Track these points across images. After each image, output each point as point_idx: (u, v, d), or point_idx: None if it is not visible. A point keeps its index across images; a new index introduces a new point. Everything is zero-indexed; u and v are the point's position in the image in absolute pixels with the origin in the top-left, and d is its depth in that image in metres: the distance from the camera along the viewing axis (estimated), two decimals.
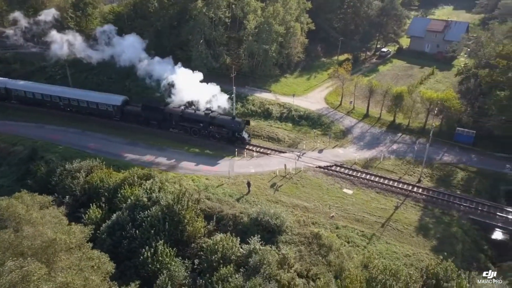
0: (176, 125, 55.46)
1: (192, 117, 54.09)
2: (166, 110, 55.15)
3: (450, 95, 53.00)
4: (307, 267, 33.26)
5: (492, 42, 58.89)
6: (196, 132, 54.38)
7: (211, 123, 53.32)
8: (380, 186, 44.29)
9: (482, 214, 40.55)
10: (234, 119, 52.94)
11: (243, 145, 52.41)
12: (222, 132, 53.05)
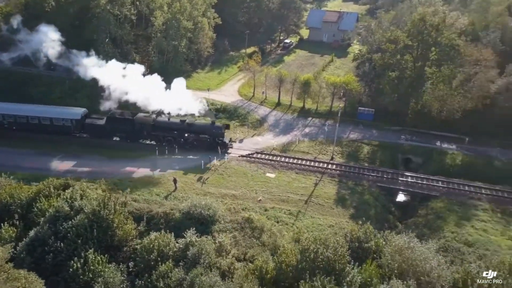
0: (147, 135, 51.53)
1: (166, 125, 50.70)
2: (137, 120, 50.81)
3: (350, 79, 58.53)
4: (243, 250, 34.86)
5: (380, 29, 65.90)
6: (170, 141, 50.76)
7: (188, 130, 50.49)
8: (299, 167, 47.59)
9: (387, 181, 45.97)
10: (214, 124, 50.96)
11: (225, 150, 50.46)
12: (201, 139, 50.47)
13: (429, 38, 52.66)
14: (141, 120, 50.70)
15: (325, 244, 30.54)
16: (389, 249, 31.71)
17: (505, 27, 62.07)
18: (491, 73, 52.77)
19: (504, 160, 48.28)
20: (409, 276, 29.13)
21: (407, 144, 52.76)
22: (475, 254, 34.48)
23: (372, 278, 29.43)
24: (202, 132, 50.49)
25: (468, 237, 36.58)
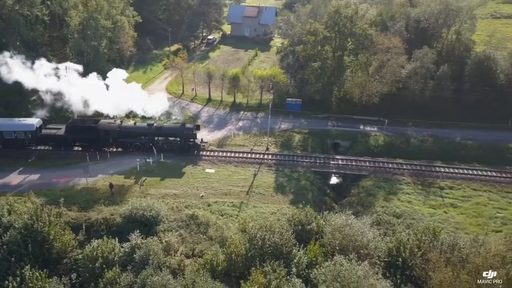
0: (113, 143, 48.57)
1: (133, 130, 48.45)
2: (101, 127, 47.85)
3: (276, 72, 60.57)
4: (191, 247, 34.92)
5: (299, 22, 68.87)
6: (138, 147, 48.56)
7: (157, 134, 48.48)
8: (237, 160, 48.44)
9: (320, 166, 48.62)
10: (185, 126, 49.11)
11: (198, 152, 49.17)
12: (172, 142, 48.91)
13: (345, 29, 56.37)
14: (106, 127, 48.16)
15: (271, 230, 31.78)
16: (329, 228, 33.86)
17: (408, 17, 68.37)
18: (401, 59, 57.98)
19: (418, 138, 53.46)
20: (350, 251, 31.39)
21: (334, 130, 56.13)
22: (403, 224, 38.04)
23: (317, 257, 31.31)
24: (172, 134, 49.12)
25: (396, 209, 40.19)
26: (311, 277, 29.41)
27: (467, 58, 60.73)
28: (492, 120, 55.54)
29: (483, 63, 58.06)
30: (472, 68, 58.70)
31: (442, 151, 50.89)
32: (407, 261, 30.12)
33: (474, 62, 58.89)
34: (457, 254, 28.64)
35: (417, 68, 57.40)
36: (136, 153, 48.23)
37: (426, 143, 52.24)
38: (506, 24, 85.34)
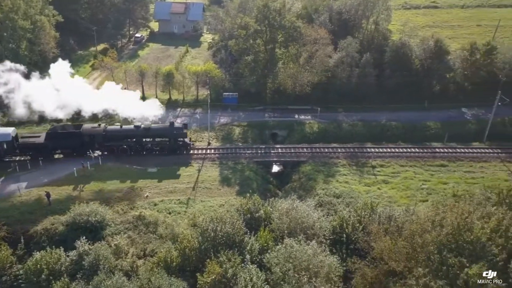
0: (99, 147, 46.85)
1: (120, 133, 46.95)
2: (85, 132, 46.00)
3: (211, 67, 60.90)
4: (142, 247, 34.52)
5: (229, 17, 69.64)
6: (125, 150, 47.12)
7: (146, 135, 47.28)
8: (178, 158, 48.26)
9: (262, 156, 50.09)
10: (174, 125, 48.06)
11: (188, 151, 48.57)
12: (162, 143, 47.74)
13: (274, 22, 58.16)
14: (90, 132, 46.48)
15: (222, 221, 32.46)
16: (277, 213, 35.32)
17: (330, 10, 72.15)
18: (328, 49, 61.20)
19: (349, 122, 56.99)
20: (298, 233, 33.04)
21: (272, 121, 57.93)
22: (343, 203, 40.67)
23: (268, 242, 32.64)
24: (161, 135, 48.21)
25: (335, 190, 42.81)
26: (264, 261, 30.58)
27: (385, 46, 65.61)
28: (411, 102, 60.65)
29: (400, 50, 63.10)
30: (390, 55, 63.57)
31: (370, 133, 54.78)
32: (350, 236, 32.47)
33: (392, 50, 63.79)
34: (393, 224, 31.46)
35: (343, 57, 60.96)
36: (70, 158, 46.16)
37: (356, 127, 55.88)
38: (416, 14, 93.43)
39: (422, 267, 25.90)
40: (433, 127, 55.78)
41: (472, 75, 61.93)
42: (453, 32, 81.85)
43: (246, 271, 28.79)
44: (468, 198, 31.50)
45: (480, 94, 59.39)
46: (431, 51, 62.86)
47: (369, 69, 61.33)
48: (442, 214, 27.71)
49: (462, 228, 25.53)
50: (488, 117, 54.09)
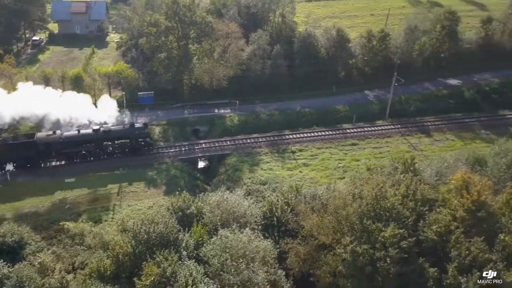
0: (56, 155, 44.83)
1: (79, 139, 45.20)
2: (40, 141, 43.49)
3: (122, 67, 58.81)
4: (70, 261, 32.73)
5: (136, 15, 67.54)
6: (85, 156, 45.64)
7: (106, 138, 45.90)
8: (98, 164, 46.21)
9: (186, 153, 50.02)
10: (134, 125, 47.25)
11: (150, 151, 47.91)
12: (123, 145, 46.55)
13: (185, 18, 57.89)
14: (46, 140, 44.12)
15: (154, 222, 32.09)
16: (208, 207, 35.81)
17: (239, 4, 73.64)
18: (240, 43, 62.59)
19: (267, 112, 59.14)
20: (231, 223, 33.89)
21: (192, 117, 57.90)
22: (270, 188, 42.39)
23: (202, 237, 33.04)
24: (122, 137, 47.01)
25: (261, 178, 44.50)
26: (201, 255, 30.97)
27: (293, 37, 68.99)
28: (320, 89, 64.67)
29: (306, 40, 66.77)
30: (298, 45, 67.02)
31: (287, 121, 57.55)
32: (280, 219, 34.15)
33: (299, 41, 67.28)
34: (318, 202, 33.73)
35: (255, 50, 62.82)
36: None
37: (274, 116, 58.27)
38: (317, 6, 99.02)
39: (348, 236, 28.39)
40: (342, 110, 60.29)
41: (371, 60, 67.78)
42: (351, 21, 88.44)
43: (184, 267, 28.91)
44: (379, 171, 34.95)
45: (379, 77, 65.40)
46: (334, 40, 67.52)
47: (280, 60, 63.97)
48: (360, 187, 30.56)
49: (378, 197, 28.46)
50: (387, 97, 59.83)
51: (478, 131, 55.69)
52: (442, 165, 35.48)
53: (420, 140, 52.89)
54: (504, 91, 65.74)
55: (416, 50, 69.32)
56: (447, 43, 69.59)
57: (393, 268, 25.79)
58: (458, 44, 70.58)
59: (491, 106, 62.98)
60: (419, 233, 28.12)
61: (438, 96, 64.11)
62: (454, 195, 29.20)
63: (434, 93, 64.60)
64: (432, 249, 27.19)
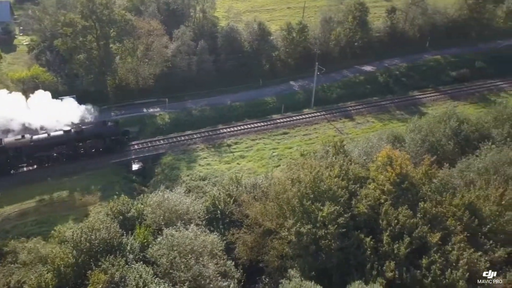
0: (27, 161, 43.82)
1: (50, 141, 43.94)
2: (9, 146, 42.04)
3: (38, 71, 54.96)
4: (4, 281, 30.48)
5: (47, 15, 63.19)
6: (57, 159, 44.70)
7: (79, 139, 45.18)
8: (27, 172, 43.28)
9: (117, 156, 48.31)
10: (106, 123, 47.34)
11: (124, 147, 48.21)
12: (97, 144, 46.17)
13: (102, 16, 55.54)
14: (15, 145, 42.33)
15: (95, 229, 31.08)
16: (149, 208, 35.38)
17: (158, 0, 72.26)
18: (163, 40, 61.70)
19: (198, 108, 59.18)
20: (174, 221, 33.91)
21: (120, 118, 55.87)
22: (210, 183, 42.88)
23: (147, 238, 32.68)
24: (95, 136, 46.26)
25: (200, 173, 44.80)
26: (148, 256, 30.70)
27: (216, 32, 69.49)
28: (247, 82, 66.21)
29: (230, 35, 67.72)
30: (222, 40, 67.75)
31: (220, 115, 58.22)
32: (224, 211, 34.86)
33: (223, 36, 68.01)
34: (259, 190, 35.04)
35: (179, 47, 62.34)
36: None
37: (206, 111, 58.55)
38: (236, 1, 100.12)
39: (291, 219, 29.98)
40: (271, 102, 62.38)
41: (292, 52, 70.79)
42: (269, 15, 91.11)
43: (133, 270, 28.52)
44: (313, 155, 37.14)
45: (302, 68, 68.55)
46: (256, 34, 69.28)
47: (205, 55, 64.22)
48: (297, 172, 32.31)
49: (316, 180, 30.40)
50: (311, 86, 63.06)
51: (394, 112, 61.12)
52: (368, 145, 38.68)
53: (344, 124, 56.73)
54: (411, 75, 72.65)
55: (333, 40, 73.75)
56: (359, 33, 74.83)
57: (334, 244, 27.84)
58: (369, 33, 76.28)
59: (401, 89, 69.28)
60: (353, 209, 30.57)
61: (356, 82, 68.95)
62: (381, 171, 32.15)
63: (352, 80, 69.33)
64: (366, 222, 29.71)
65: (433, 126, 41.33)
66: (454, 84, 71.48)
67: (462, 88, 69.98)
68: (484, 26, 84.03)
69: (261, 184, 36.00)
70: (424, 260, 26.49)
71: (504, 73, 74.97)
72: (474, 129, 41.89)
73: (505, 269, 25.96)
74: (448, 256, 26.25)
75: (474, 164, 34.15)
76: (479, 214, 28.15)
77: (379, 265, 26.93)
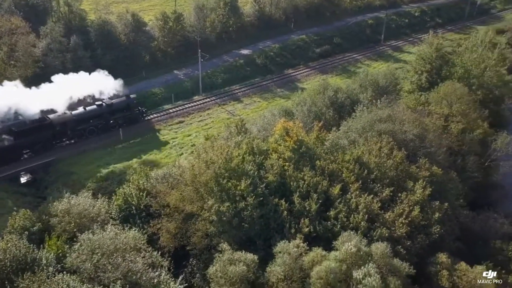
0: (72, 134, 46.94)
1: (88, 115, 47.91)
2: (56, 121, 45.03)
3: None
4: None
5: None
6: (93, 131, 48.51)
7: (111, 112, 49.48)
8: None
9: (2, 171, 43.46)
10: (129, 96, 51.71)
11: (143, 118, 52.80)
12: (126, 116, 50.68)
13: None
14: (61, 120, 46.07)
15: (4, 249, 28.57)
16: (57, 218, 33.49)
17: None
18: (29, 38, 55.97)
19: None
20: (88, 225, 32.91)
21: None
22: (115, 182, 41.58)
23: (61, 248, 31.20)
24: (123, 108, 50.60)
25: (101, 174, 43.13)
26: (68, 266, 29.52)
27: (87, 26, 65.48)
28: (131, 75, 64.29)
29: (103, 28, 64.56)
30: (96, 34, 64.29)
31: None
32: (139, 206, 34.83)
33: (96, 29, 64.50)
34: (171, 179, 35.79)
35: (50, 44, 57.43)
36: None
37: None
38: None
39: (210, 200, 31.71)
40: (159, 92, 62.06)
41: (172, 41, 70.85)
42: (139, 5, 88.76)
43: (60, 281, 27.24)
44: (218, 137, 39.12)
45: (182, 56, 69.31)
46: (131, 25, 67.37)
47: (81, 51, 60.39)
48: (208, 155, 33.96)
49: (228, 159, 32.52)
50: (196, 73, 64.45)
51: (275, 90, 66.33)
52: (264, 121, 42.18)
53: (235, 107, 59.73)
54: (284, 54, 79.06)
55: (208, 27, 75.78)
56: (232, 18, 78.23)
57: (255, 213, 30.60)
58: (241, 18, 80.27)
59: (278, 68, 75.17)
60: (263, 179, 33.60)
61: (237, 66, 72.40)
62: (280, 142, 35.79)
63: (233, 64, 72.56)
64: (277, 188, 33.08)
65: (314, 98, 46.82)
66: (320, 60, 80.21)
67: (327, 62, 78.97)
68: (335, 6, 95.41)
69: (172, 173, 36.74)
70: (331, 212, 30.96)
71: (356, 47, 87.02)
72: (346, 96, 48.63)
73: (391, 205, 31.84)
74: (349, 204, 31.12)
75: (354, 125, 40.12)
76: (366, 165, 33.69)
77: (295, 224, 30.56)
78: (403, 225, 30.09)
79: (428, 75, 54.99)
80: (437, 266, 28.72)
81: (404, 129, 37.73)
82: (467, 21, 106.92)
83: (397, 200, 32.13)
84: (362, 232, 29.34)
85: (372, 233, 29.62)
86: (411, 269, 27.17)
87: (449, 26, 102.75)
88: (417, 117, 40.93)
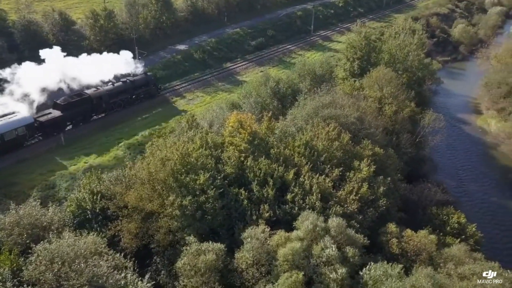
0: (106, 107, 52.55)
1: (117, 90, 53.49)
2: (93, 95, 51.08)
3: None
4: None
5: None
6: (119, 104, 54.12)
7: (134, 87, 55.18)
8: None
9: None
10: (147, 73, 58.40)
11: (159, 92, 59.14)
12: (146, 91, 56.65)
13: None
14: (98, 94, 51.23)
15: None
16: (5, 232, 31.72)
17: None
18: None
19: None
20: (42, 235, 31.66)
21: None
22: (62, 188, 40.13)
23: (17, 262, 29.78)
24: (143, 84, 56.39)
25: (46, 183, 41.18)
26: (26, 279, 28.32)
27: (10, 27, 61.04)
28: None
29: (29, 28, 60.62)
30: (21, 36, 60.22)
31: None
32: (94, 210, 34.00)
33: (20, 30, 60.38)
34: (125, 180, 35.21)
35: None
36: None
37: None
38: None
39: (171, 196, 31.92)
40: None
41: (104, 39, 68.35)
42: (64, 3, 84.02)
43: None
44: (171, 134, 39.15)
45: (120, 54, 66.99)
46: (59, 24, 64.05)
47: (5, 54, 56.43)
48: (163, 153, 34.02)
49: (184, 155, 32.89)
50: None
51: (216, 84, 66.93)
52: (213, 115, 42.85)
53: (178, 103, 59.48)
54: (221, 48, 79.89)
55: (141, 24, 74.16)
56: (166, 14, 77.21)
57: (217, 204, 31.45)
58: (175, 13, 79.46)
59: (216, 62, 75.76)
60: (222, 172, 34.46)
61: (175, 62, 71.86)
62: (235, 134, 36.78)
63: (171, 60, 71.91)
64: (236, 179, 34.15)
65: (258, 89, 48.34)
66: (256, 52, 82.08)
67: (263, 54, 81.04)
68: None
69: (125, 174, 36.14)
70: (288, 196, 32.72)
71: (289, 38, 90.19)
72: (288, 86, 50.75)
73: (342, 184, 34.34)
74: (304, 186, 33.08)
75: (299, 113, 42.22)
76: (316, 149, 35.86)
77: (256, 210, 31.88)
78: (354, 201, 32.65)
79: (360, 62, 58.92)
80: (387, 236, 31.67)
81: (346, 113, 40.52)
82: (385, 10, 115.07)
83: (346, 179, 34.67)
84: (318, 212, 31.38)
85: (328, 212, 31.82)
86: (365, 239, 29.77)
87: (370, 15, 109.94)
88: (355, 102, 44.10)
